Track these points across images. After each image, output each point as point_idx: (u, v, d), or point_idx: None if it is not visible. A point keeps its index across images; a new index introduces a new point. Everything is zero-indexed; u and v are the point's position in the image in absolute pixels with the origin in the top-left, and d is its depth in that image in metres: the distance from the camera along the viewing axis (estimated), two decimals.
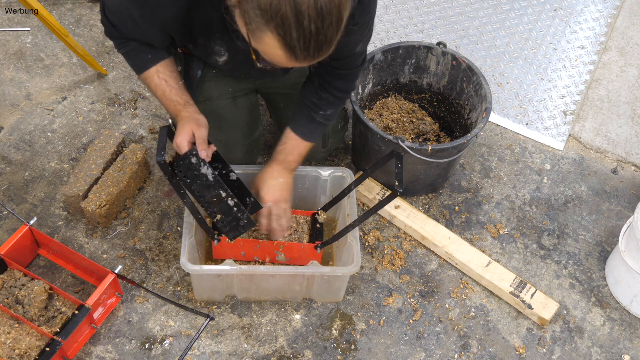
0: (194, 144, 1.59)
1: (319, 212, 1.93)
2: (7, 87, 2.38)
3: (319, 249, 1.85)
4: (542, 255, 2.13)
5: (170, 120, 2.05)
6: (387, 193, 2.14)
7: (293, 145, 1.80)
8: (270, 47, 1.21)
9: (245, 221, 1.67)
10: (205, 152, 1.59)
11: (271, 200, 1.76)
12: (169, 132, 1.58)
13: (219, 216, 1.67)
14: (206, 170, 1.58)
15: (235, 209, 1.65)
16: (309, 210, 1.96)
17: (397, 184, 1.59)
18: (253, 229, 1.79)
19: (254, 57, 1.33)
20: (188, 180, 1.61)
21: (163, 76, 1.64)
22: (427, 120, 2.31)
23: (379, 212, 2.15)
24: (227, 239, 1.75)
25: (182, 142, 1.58)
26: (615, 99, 2.59)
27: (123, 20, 1.55)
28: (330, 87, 1.74)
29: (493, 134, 2.44)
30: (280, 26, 1.16)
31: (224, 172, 1.70)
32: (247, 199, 1.71)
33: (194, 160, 1.57)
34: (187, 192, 1.63)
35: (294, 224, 1.92)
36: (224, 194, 1.63)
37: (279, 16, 1.15)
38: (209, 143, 1.62)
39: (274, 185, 1.78)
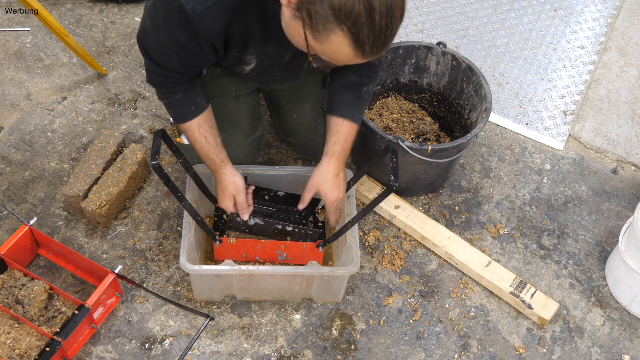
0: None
1: (319, 211, 1.93)
2: (7, 87, 2.38)
3: (320, 248, 1.85)
4: (542, 255, 2.13)
5: (171, 119, 2.05)
6: None
7: (346, 131, 1.73)
8: (337, 46, 1.24)
9: (310, 232, 1.84)
10: (246, 215, 1.79)
11: (337, 198, 1.76)
12: (163, 135, 1.59)
13: (288, 238, 1.86)
14: (254, 220, 1.80)
15: (296, 230, 1.83)
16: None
17: (392, 178, 1.59)
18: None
19: (310, 57, 1.34)
20: (247, 230, 1.84)
21: (203, 132, 1.69)
22: (427, 120, 2.31)
23: (379, 212, 2.15)
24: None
25: (227, 207, 1.78)
26: (615, 99, 2.59)
27: (168, 54, 1.54)
28: (365, 64, 1.69)
29: (493, 134, 2.44)
30: (354, 24, 1.19)
31: (271, 194, 1.90)
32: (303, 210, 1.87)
33: (239, 219, 1.79)
34: (184, 195, 1.66)
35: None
36: (280, 227, 1.82)
37: (353, 15, 1.18)
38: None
39: (337, 183, 1.75)
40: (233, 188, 1.75)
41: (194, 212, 1.69)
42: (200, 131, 1.69)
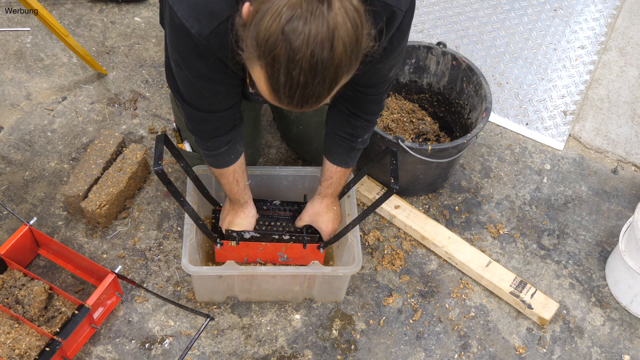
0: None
1: None
2: (7, 87, 2.38)
3: (321, 249, 1.85)
4: (542, 255, 2.13)
5: (174, 125, 2.05)
6: None
7: (339, 177, 1.79)
8: (257, 80, 1.18)
9: (308, 239, 1.86)
10: (246, 232, 1.84)
11: (333, 230, 1.85)
12: (165, 140, 1.59)
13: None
14: (250, 233, 1.83)
15: (293, 238, 1.85)
16: None
17: (392, 181, 1.59)
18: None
19: (247, 80, 1.30)
20: (240, 241, 1.85)
21: (237, 176, 1.72)
22: (427, 120, 2.31)
23: (379, 212, 2.15)
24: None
25: (230, 233, 1.83)
26: (615, 99, 2.59)
27: (197, 90, 1.48)
28: (363, 113, 1.67)
29: (493, 134, 2.44)
30: (269, 65, 1.11)
31: (267, 203, 1.93)
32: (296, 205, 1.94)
33: (235, 234, 1.83)
34: (185, 199, 1.66)
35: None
36: (277, 237, 1.84)
37: (271, 55, 1.10)
38: None
39: (331, 218, 1.84)
40: (248, 226, 1.84)
41: (195, 215, 1.69)
42: (235, 176, 1.72)
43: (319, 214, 1.83)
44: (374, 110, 1.68)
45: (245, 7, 1.15)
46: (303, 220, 1.86)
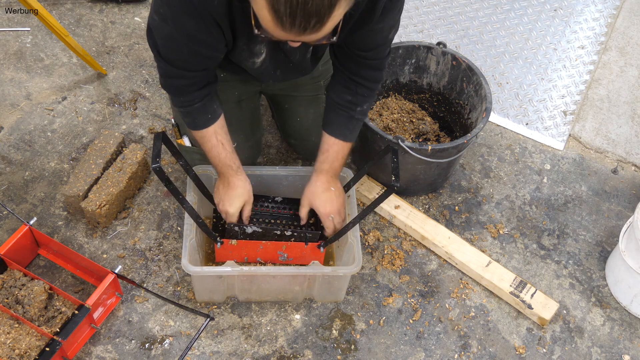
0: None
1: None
2: (7, 87, 2.38)
3: (322, 248, 1.85)
4: (542, 255, 2.13)
5: (173, 120, 2.06)
6: None
7: (337, 150, 1.75)
8: (260, 9, 1.18)
9: (310, 235, 1.83)
10: (248, 226, 1.79)
11: (330, 212, 1.78)
12: (164, 138, 1.59)
13: (287, 243, 1.85)
14: (252, 227, 1.79)
15: (295, 234, 1.82)
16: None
17: (393, 179, 1.59)
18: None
19: (253, 22, 1.29)
20: (245, 238, 1.82)
21: (220, 138, 1.68)
22: (427, 120, 2.31)
23: (379, 212, 2.15)
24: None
25: (233, 215, 1.76)
26: (615, 99, 2.59)
27: (179, 47, 1.49)
28: (362, 80, 1.68)
29: (493, 134, 2.44)
30: None
31: (269, 200, 1.91)
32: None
33: (237, 228, 1.79)
34: (184, 197, 1.66)
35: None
36: (278, 232, 1.81)
37: None
38: None
39: (330, 198, 1.78)
40: (247, 196, 1.76)
41: (195, 214, 1.69)
42: (218, 138, 1.68)
43: (315, 195, 1.77)
44: (375, 76, 1.69)
45: None
46: (302, 204, 1.81)
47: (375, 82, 1.71)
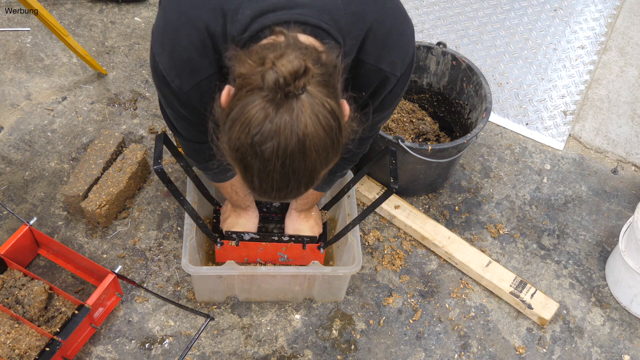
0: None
1: (321, 212, 1.93)
2: (7, 87, 2.38)
3: (322, 249, 1.85)
4: (542, 255, 2.13)
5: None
6: None
7: (316, 197, 1.82)
8: (235, 168, 1.17)
9: (307, 239, 1.85)
10: (246, 234, 1.84)
11: (317, 233, 1.88)
12: (165, 139, 1.59)
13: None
14: (249, 235, 1.83)
15: (292, 239, 1.85)
16: None
17: (392, 180, 1.59)
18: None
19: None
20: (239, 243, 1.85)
21: (235, 189, 1.74)
22: (427, 120, 2.31)
23: (379, 212, 2.15)
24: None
25: (230, 230, 1.83)
26: (615, 99, 2.59)
27: (183, 126, 1.48)
28: (345, 154, 1.65)
29: (493, 134, 2.44)
30: (243, 170, 1.11)
31: (267, 205, 1.95)
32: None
33: (234, 235, 1.83)
34: (185, 198, 1.66)
35: None
36: (276, 238, 1.84)
37: (243, 163, 1.10)
38: None
39: (313, 224, 1.88)
40: (250, 227, 1.85)
41: (195, 214, 1.69)
42: (232, 188, 1.74)
43: (301, 230, 1.86)
44: (357, 153, 1.68)
45: (225, 93, 1.13)
46: (288, 230, 1.89)
47: (357, 155, 1.70)
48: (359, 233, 1.83)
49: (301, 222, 1.87)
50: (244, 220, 1.84)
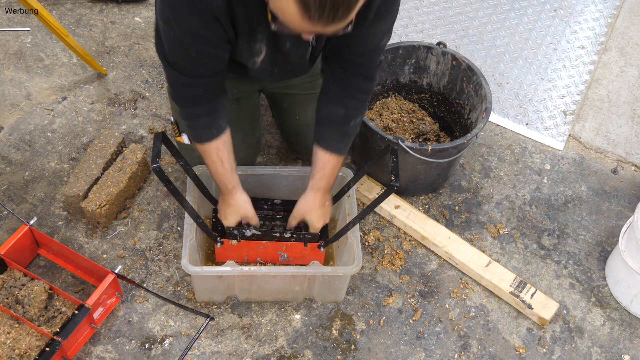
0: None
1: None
2: (7, 87, 2.38)
3: (322, 248, 1.85)
4: (542, 255, 2.13)
5: (172, 118, 2.05)
6: None
7: (332, 167, 1.75)
8: (285, 3, 1.18)
9: (309, 237, 1.83)
10: (247, 230, 1.80)
11: (321, 226, 1.82)
12: (163, 138, 1.59)
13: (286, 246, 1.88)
14: (251, 231, 1.81)
15: (293, 236, 1.83)
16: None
17: (392, 178, 1.59)
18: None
19: (269, 17, 1.29)
20: (241, 239, 1.83)
21: (221, 155, 1.68)
22: (427, 120, 2.31)
23: (379, 212, 2.15)
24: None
25: (230, 224, 1.79)
26: (615, 99, 2.59)
27: (184, 50, 1.49)
28: (353, 90, 1.68)
29: (493, 134, 2.44)
30: None
31: (268, 202, 1.95)
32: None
33: (236, 231, 1.81)
34: (184, 197, 1.66)
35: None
36: (277, 235, 1.82)
37: None
38: None
39: (323, 214, 1.81)
40: (242, 212, 1.79)
41: (195, 214, 1.69)
42: (218, 154, 1.68)
43: (311, 211, 1.79)
44: (366, 87, 1.68)
45: None
46: (294, 217, 1.83)
47: (366, 94, 1.71)
48: (359, 233, 1.83)
49: (315, 204, 1.79)
50: (232, 209, 1.78)
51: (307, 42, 1.60)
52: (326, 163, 1.74)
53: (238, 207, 1.78)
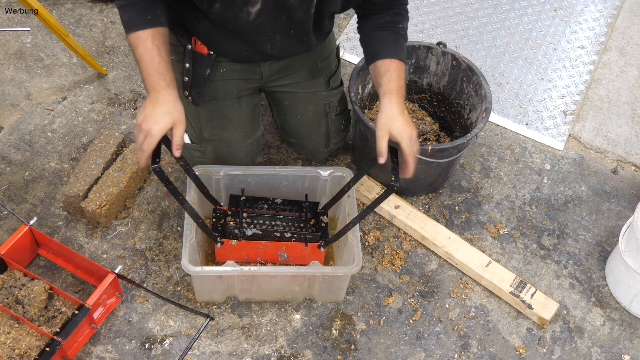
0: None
1: (323, 217, 1.93)
2: (7, 87, 2.38)
3: (322, 248, 1.85)
4: (542, 255, 2.13)
5: None
6: None
7: (397, 68, 1.62)
8: None
9: (310, 236, 1.84)
10: (178, 152, 1.53)
11: (411, 135, 1.60)
12: (164, 138, 1.56)
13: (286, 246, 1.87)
14: (252, 230, 1.82)
15: (294, 236, 1.84)
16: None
17: (392, 179, 1.58)
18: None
19: None
20: (241, 238, 1.83)
21: (157, 42, 1.49)
22: (427, 120, 2.31)
23: (379, 212, 2.15)
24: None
25: (155, 136, 1.46)
26: (615, 99, 2.59)
27: None
28: (390, 5, 1.66)
29: (493, 134, 2.44)
30: None
31: (269, 202, 1.92)
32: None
33: (237, 231, 1.81)
34: (184, 197, 1.65)
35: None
36: (278, 234, 1.83)
37: None
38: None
39: (407, 120, 1.60)
40: (177, 115, 1.50)
41: (194, 214, 1.69)
42: (154, 42, 1.49)
43: (392, 119, 1.58)
44: (403, 1, 1.69)
45: None
46: (381, 135, 1.59)
47: (404, 4, 1.69)
48: (359, 233, 1.83)
49: (394, 112, 1.58)
50: (168, 107, 1.48)
51: None
52: (389, 66, 1.62)
53: (173, 107, 1.49)
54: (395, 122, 1.58)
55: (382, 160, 1.61)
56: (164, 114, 1.48)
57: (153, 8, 1.52)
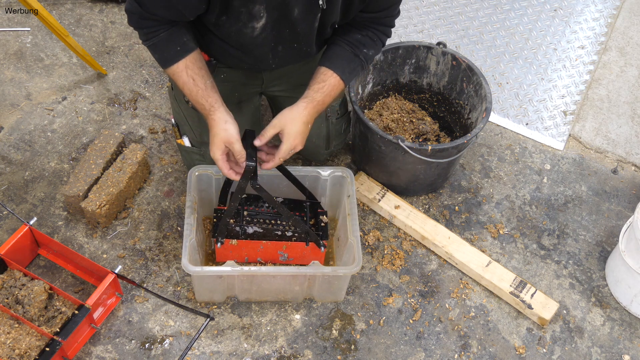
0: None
1: (323, 217, 1.93)
2: (7, 87, 2.38)
3: (322, 248, 1.85)
4: (542, 255, 2.13)
5: (173, 120, 2.06)
6: (387, 193, 2.14)
7: (332, 85, 1.65)
8: None
9: (312, 229, 1.87)
10: (242, 164, 1.61)
11: (295, 147, 1.65)
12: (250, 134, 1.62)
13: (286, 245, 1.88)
14: (253, 228, 1.83)
15: (295, 235, 1.84)
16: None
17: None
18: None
19: None
20: (246, 238, 1.84)
21: (191, 73, 1.57)
22: (427, 120, 2.31)
23: (379, 212, 2.15)
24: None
25: (215, 156, 1.61)
26: (615, 99, 2.59)
27: None
28: (373, 26, 1.66)
29: (493, 134, 2.44)
30: None
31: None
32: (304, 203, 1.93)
33: (238, 228, 1.82)
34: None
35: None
36: (279, 233, 1.83)
37: None
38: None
39: (303, 131, 1.65)
40: (224, 136, 1.59)
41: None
42: (188, 73, 1.56)
43: (294, 121, 1.63)
44: (381, 28, 1.68)
45: None
46: (274, 125, 1.64)
47: (384, 35, 1.69)
48: (359, 233, 1.83)
49: (301, 115, 1.63)
50: (214, 131, 1.59)
51: (317, 6, 1.53)
52: (327, 79, 1.65)
53: (218, 130, 1.58)
54: (293, 126, 1.63)
55: (257, 142, 1.65)
56: (213, 140, 1.60)
57: (179, 36, 1.56)
